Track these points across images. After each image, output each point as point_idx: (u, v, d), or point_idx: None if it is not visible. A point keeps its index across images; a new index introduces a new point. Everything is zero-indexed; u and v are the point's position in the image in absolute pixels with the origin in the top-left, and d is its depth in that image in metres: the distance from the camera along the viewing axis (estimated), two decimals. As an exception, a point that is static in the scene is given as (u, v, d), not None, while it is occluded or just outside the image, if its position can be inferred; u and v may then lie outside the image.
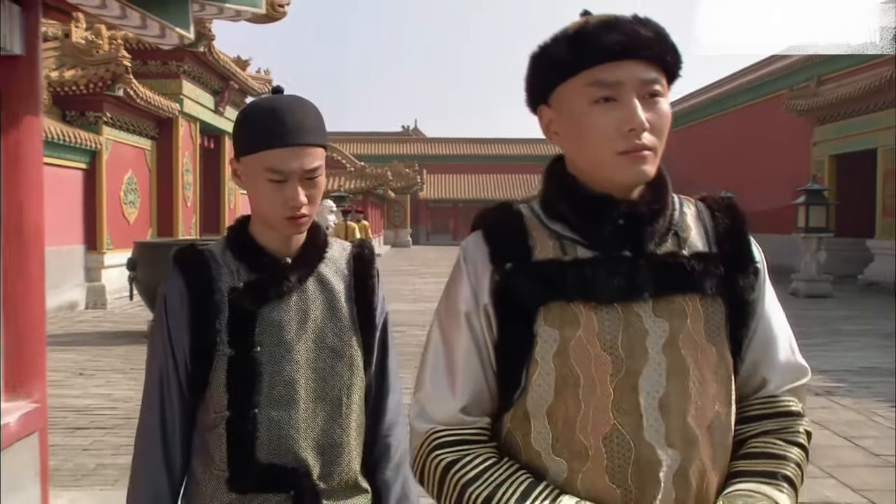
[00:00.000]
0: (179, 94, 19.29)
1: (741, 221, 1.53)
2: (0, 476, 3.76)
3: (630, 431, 1.38)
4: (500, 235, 1.49)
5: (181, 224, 19.32)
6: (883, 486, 5.40)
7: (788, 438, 1.47)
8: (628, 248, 1.43)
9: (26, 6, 4.10)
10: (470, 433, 1.47)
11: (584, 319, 1.41)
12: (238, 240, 1.83)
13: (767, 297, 1.54)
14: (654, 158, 1.41)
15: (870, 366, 10.01)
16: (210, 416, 1.77)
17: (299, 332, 1.78)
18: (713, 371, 1.43)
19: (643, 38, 1.40)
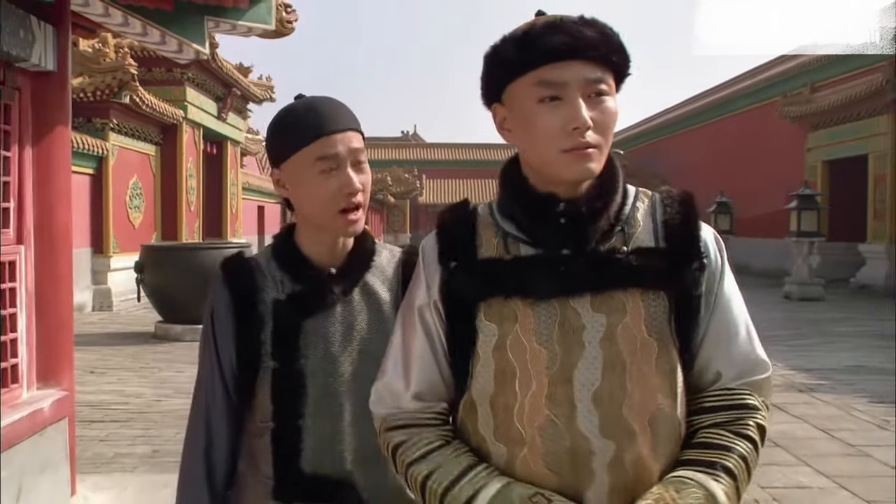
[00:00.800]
0: (183, 100, 19.65)
1: (691, 215, 1.54)
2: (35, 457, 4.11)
3: (563, 422, 1.43)
4: (450, 234, 1.57)
5: (185, 228, 19.66)
6: (854, 473, 5.73)
7: (737, 430, 1.48)
8: (569, 245, 1.47)
9: (59, 26, 4.45)
10: (421, 417, 1.56)
11: (521, 315, 1.47)
12: (283, 249, 1.82)
13: (724, 290, 1.55)
14: (598, 155, 1.45)
15: (856, 365, 10.33)
16: (256, 424, 1.78)
17: (344, 344, 1.77)
18: (654, 365, 1.46)
19: (588, 38, 1.43)
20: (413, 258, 1.85)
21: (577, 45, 1.42)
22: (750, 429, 1.48)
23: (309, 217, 1.76)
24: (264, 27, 5.45)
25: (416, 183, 52.12)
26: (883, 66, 19.69)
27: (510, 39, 1.48)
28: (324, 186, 1.70)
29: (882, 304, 17.75)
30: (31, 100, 4.37)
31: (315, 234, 1.79)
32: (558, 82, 1.42)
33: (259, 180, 30.91)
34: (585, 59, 1.42)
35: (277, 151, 1.76)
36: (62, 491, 4.46)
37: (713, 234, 1.56)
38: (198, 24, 5.14)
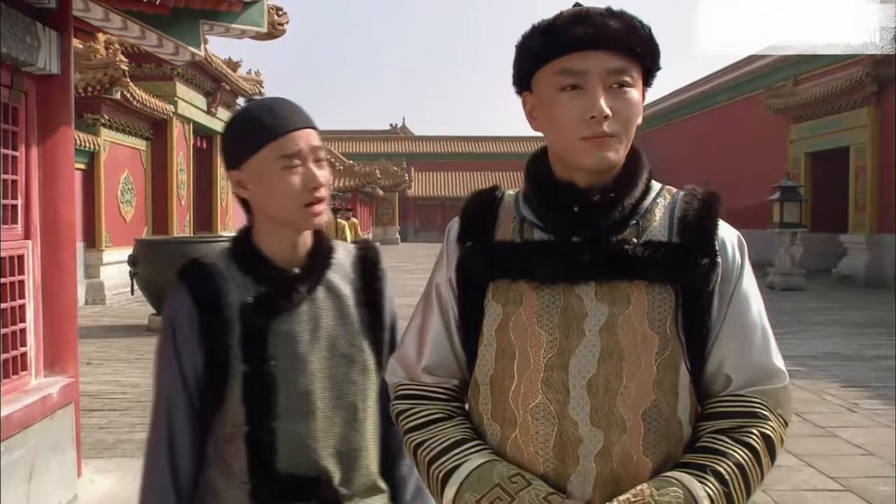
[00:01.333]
0: (174, 95, 19.82)
1: (708, 213, 1.51)
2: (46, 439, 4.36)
3: (556, 407, 1.44)
4: (471, 217, 1.60)
5: (175, 222, 19.85)
6: (822, 452, 6.03)
7: (737, 437, 1.44)
8: (579, 233, 1.47)
9: (62, 31, 4.68)
10: (428, 390, 1.59)
11: (525, 298, 1.49)
12: (243, 252, 1.81)
13: (741, 293, 1.51)
14: (617, 144, 1.45)
15: (831, 352, 10.67)
16: (227, 429, 1.77)
17: (312, 342, 1.78)
18: (654, 358, 1.44)
19: (611, 29, 1.43)
20: (369, 252, 1.92)
21: (600, 36, 1.43)
22: (752, 437, 1.44)
23: (273, 215, 1.76)
24: (257, 29, 5.68)
25: (404, 175, 52.37)
26: (863, 59, 20.04)
27: (537, 29, 1.50)
28: (288, 183, 1.71)
29: (861, 293, 18.14)
30: (36, 102, 4.61)
31: (277, 233, 1.79)
32: (579, 71, 1.43)
33: (248, 174, 31.09)
34: (608, 50, 1.43)
35: (238, 152, 1.76)
36: (70, 472, 4.71)
37: (736, 237, 1.54)
38: (193, 28, 5.37)
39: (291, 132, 1.73)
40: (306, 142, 1.74)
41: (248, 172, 1.75)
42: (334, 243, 1.90)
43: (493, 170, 60.68)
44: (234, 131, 1.78)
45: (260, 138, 1.72)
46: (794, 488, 5.27)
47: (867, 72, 19.77)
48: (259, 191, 1.75)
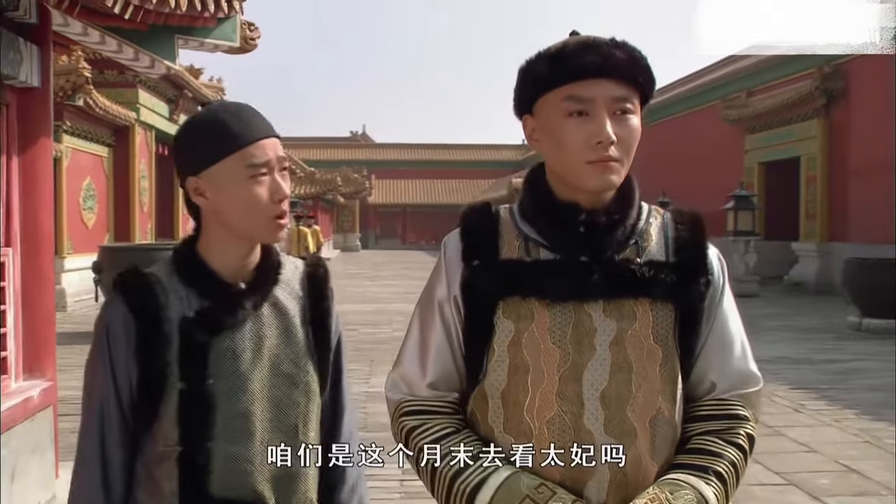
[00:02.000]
0: (136, 102, 19.82)
1: (700, 234, 1.63)
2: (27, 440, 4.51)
3: (571, 418, 1.51)
4: (474, 234, 1.63)
5: (138, 229, 19.83)
6: (770, 450, 6.35)
7: (728, 438, 1.56)
8: (587, 253, 1.54)
9: (42, 45, 4.84)
10: (434, 405, 1.62)
11: (537, 315, 1.54)
12: (187, 263, 1.72)
13: (724, 306, 1.64)
14: (620, 169, 1.53)
15: (781, 356, 11.06)
16: (158, 449, 1.68)
17: (254, 362, 1.70)
18: (658, 370, 1.54)
19: (617, 59, 1.51)
20: (318, 270, 1.84)
21: (607, 65, 1.50)
22: (740, 438, 1.57)
23: (234, 225, 1.68)
24: (229, 44, 5.88)
25: (365, 183, 52.49)
26: (813, 73, 20.67)
27: (544, 56, 1.56)
28: (255, 193, 1.64)
29: (811, 300, 18.70)
30: (17, 114, 4.76)
31: (228, 245, 1.70)
32: (587, 98, 1.50)
33: (209, 181, 31.05)
34: (613, 79, 1.50)
35: (198, 158, 1.66)
36: (49, 473, 4.86)
37: (717, 254, 1.66)
38: (169, 42, 5.55)
39: (259, 140, 1.65)
40: (274, 151, 1.68)
41: (208, 180, 1.66)
42: (283, 258, 1.82)
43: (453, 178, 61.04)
44: (195, 135, 1.68)
45: (226, 145, 1.64)
46: (742, 483, 5.56)
47: (817, 85, 20.41)
48: (220, 200, 1.66)
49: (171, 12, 4.78)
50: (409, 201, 59.91)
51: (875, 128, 18.85)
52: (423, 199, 59.97)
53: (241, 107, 1.71)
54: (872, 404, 8.07)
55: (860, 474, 5.79)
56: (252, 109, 1.71)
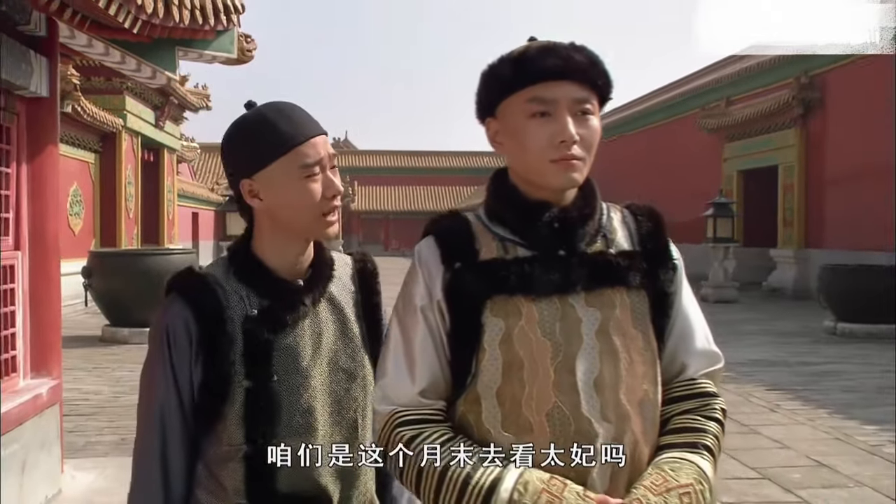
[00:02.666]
0: (123, 109, 19.96)
1: (661, 224, 1.71)
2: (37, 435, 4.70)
3: (569, 408, 1.54)
4: (450, 239, 1.65)
5: (124, 235, 19.95)
6: (745, 447, 6.62)
7: (707, 414, 1.63)
8: (563, 247, 1.60)
9: (50, 56, 5.05)
10: (427, 413, 1.61)
11: (525, 310, 1.57)
12: (244, 263, 1.73)
13: (684, 293, 1.72)
14: (582, 167, 1.58)
15: (758, 359, 11.37)
16: (223, 449, 1.69)
17: (314, 358, 1.72)
18: (640, 354, 1.61)
19: (577, 62, 1.57)
20: (367, 265, 1.88)
21: (568, 68, 1.56)
22: (717, 412, 1.65)
23: (289, 224, 1.70)
24: (227, 56, 6.10)
25: (348, 190, 52.65)
26: (790, 83, 21.09)
27: (507, 60, 1.61)
28: (310, 192, 1.66)
29: (789, 305, 19.06)
30: (26, 122, 4.96)
31: (285, 243, 1.73)
32: (549, 99, 1.55)
33: (193, 187, 31.14)
34: (574, 81, 1.56)
35: (252, 161, 1.68)
36: (55, 468, 5.06)
37: (672, 243, 1.74)
38: (170, 54, 5.77)
39: (310, 139, 1.68)
40: (324, 149, 1.70)
41: (261, 181, 1.68)
42: (334, 254, 1.85)
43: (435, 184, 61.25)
44: (245, 137, 1.69)
45: (278, 146, 1.66)
46: (719, 477, 5.84)
47: (794, 95, 20.83)
48: (275, 200, 1.68)
49: (175, 26, 5.00)
50: (391, 208, 60.10)
51: (850, 137, 19.28)
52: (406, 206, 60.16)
53: (289, 106, 1.73)
54: (844, 404, 8.38)
55: (830, 468, 6.06)
56: (299, 108, 1.73)
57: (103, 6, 4.02)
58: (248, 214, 1.76)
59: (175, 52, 5.80)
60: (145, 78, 6.02)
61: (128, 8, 4.27)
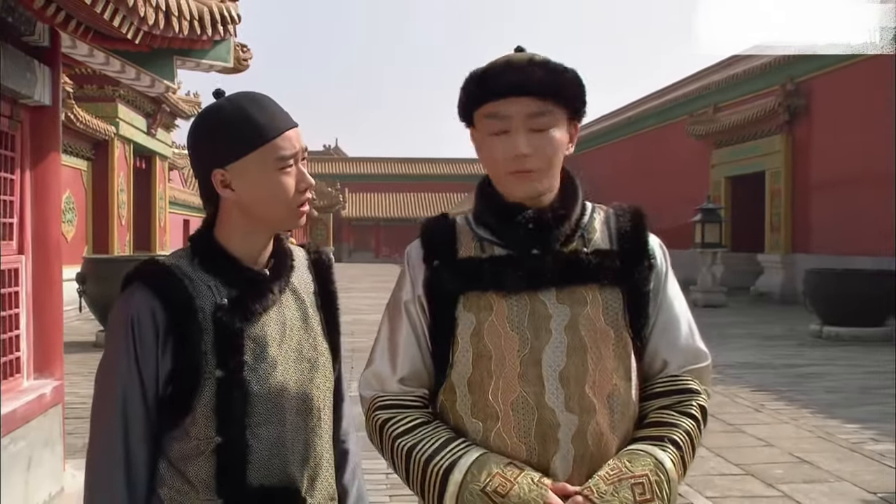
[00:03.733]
0: (115, 117, 20.08)
1: (640, 224, 1.76)
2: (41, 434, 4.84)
3: (533, 398, 1.61)
4: (433, 239, 1.77)
5: (116, 241, 20.05)
6: (729, 445, 6.80)
7: (682, 410, 1.68)
8: (536, 246, 1.67)
9: (52, 66, 5.19)
10: (406, 399, 1.73)
11: (496, 306, 1.66)
12: (208, 252, 1.71)
13: (669, 290, 1.76)
14: (540, 177, 1.66)
15: (745, 361, 11.56)
16: (191, 444, 1.65)
17: (281, 347, 1.71)
18: (611, 349, 1.66)
19: (536, 77, 1.63)
20: (322, 256, 1.89)
21: (523, 84, 1.63)
22: (693, 408, 1.68)
23: (262, 215, 1.68)
24: (224, 65, 6.24)
25: (338, 197, 52.77)
26: (776, 90, 21.35)
27: (473, 76, 1.71)
28: (284, 184, 1.66)
29: (776, 309, 19.28)
30: (30, 131, 5.10)
31: (252, 234, 1.71)
32: (504, 115, 1.64)
33: (184, 194, 31.22)
34: (530, 96, 1.63)
35: (225, 151, 1.65)
36: (58, 466, 5.18)
37: (658, 242, 1.79)
38: (168, 63, 5.91)
39: (285, 132, 1.67)
40: (298, 142, 1.69)
41: (236, 172, 1.66)
42: (290, 245, 1.84)
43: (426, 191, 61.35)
44: (221, 127, 1.66)
45: (255, 138, 1.64)
46: (705, 474, 6.00)
47: (780, 101, 21.10)
48: (249, 192, 1.66)
49: (175, 36, 5.14)
50: (382, 215, 60.20)
51: (835, 143, 19.52)
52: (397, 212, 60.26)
53: (262, 96, 1.71)
54: (827, 404, 8.57)
55: (812, 465, 6.25)
56: (271, 99, 1.71)
57: (108, 18, 4.16)
58: (214, 205, 1.73)
59: (173, 61, 5.94)
60: (144, 87, 6.17)
61: (131, 19, 4.41)
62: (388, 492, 5.55)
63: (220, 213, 1.72)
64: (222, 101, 1.69)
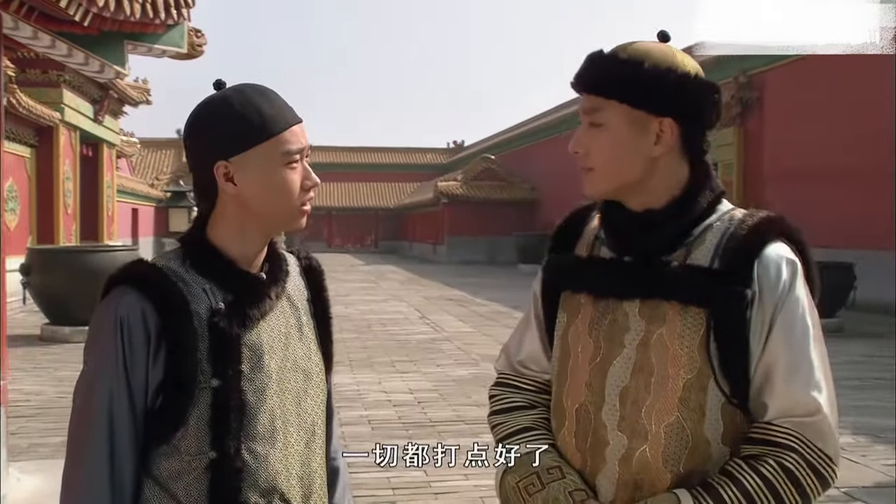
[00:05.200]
0: (60, 102, 19.50)
1: (752, 240, 1.53)
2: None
3: (593, 409, 1.58)
4: (560, 232, 1.77)
5: (62, 231, 19.51)
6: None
7: (753, 465, 1.46)
8: (632, 253, 1.59)
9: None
10: (519, 381, 1.79)
11: (583, 309, 1.63)
12: (202, 254, 1.59)
13: (784, 321, 1.51)
14: (596, 176, 1.60)
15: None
16: (182, 460, 1.53)
17: (277, 356, 1.61)
18: (682, 377, 1.50)
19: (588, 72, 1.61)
20: (313, 263, 1.79)
21: (578, 79, 1.64)
22: (767, 466, 1.45)
23: (263, 211, 1.58)
24: (177, 50, 6.03)
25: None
26: (729, 82, 21.52)
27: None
28: (290, 180, 1.57)
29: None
30: (-30, 116, 4.83)
31: (251, 234, 1.61)
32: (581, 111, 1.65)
33: (133, 182, 30.60)
34: (585, 91, 1.61)
35: (231, 142, 1.55)
36: (1, 471, 4.93)
37: (785, 260, 1.54)
38: (118, 48, 5.68)
39: (292, 126, 1.58)
40: (304, 138, 1.61)
41: (240, 165, 1.55)
42: (280, 251, 1.75)
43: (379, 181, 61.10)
44: (227, 118, 1.55)
45: (262, 130, 1.55)
46: None
47: (732, 94, 21.27)
48: (253, 187, 1.56)
49: (126, 19, 4.92)
50: (334, 204, 59.70)
51: (787, 135, 19.77)
52: (349, 202, 59.87)
53: (268, 89, 1.63)
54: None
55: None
56: (277, 93, 1.63)
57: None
58: (210, 201, 1.61)
59: (124, 45, 5.70)
60: (93, 72, 5.91)
61: (79, 0, 4.18)
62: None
63: (216, 210, 1.61)
64: (228, 91, 1.59)
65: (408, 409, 7.99)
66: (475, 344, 12.34)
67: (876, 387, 9.01)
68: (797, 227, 1.61)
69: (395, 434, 6.97)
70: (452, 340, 12.88)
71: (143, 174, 36.29)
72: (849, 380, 9.14)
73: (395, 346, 12.22)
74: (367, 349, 11.78)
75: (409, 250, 51.83)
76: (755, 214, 1.60)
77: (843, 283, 13.53)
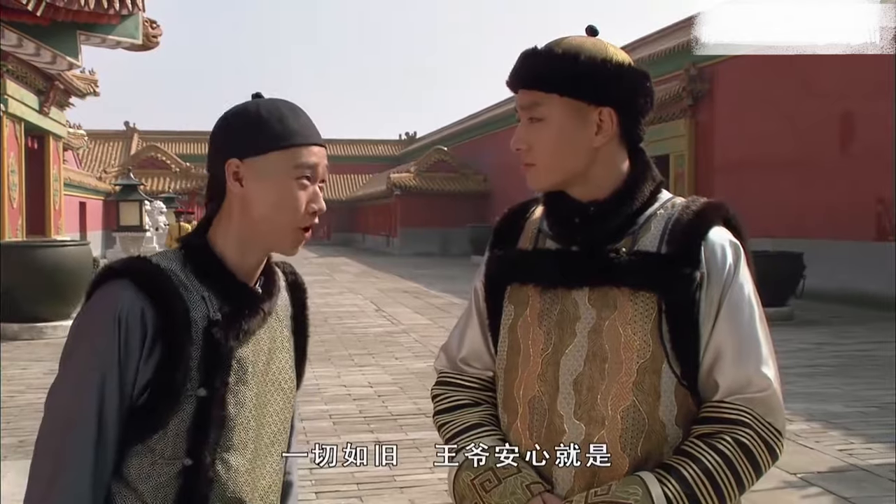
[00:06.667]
0: (3, 93, 18.91)
1: (697, 224, 1.57)
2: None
3: (547, 400, 1.58)
4: (503, 227, 1.77)
5: (7, 225, 19.00)
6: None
7: (710, 443, 1.49)
8: (578, 243, 1.60)
9: (-57, 40, 4.78)
10: (462, 379, 1.78)
11: (532, 300, 1.63)
12: (204, 260, 1.58)
13: (731, 302, 1.55)
14: (539, 171, 1.61)
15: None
16: (154, 462, 1.52)
17: (260, 370, 1.61)
18: (635, 362, 1.52)
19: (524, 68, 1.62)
20: (297, 279, 1.78)
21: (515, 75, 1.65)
22: (724, 443, 1.49)
23: (261, 222, 1.57)
24: (132, 41, 5.94)
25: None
26: (680, 74, 21.78)
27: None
28: (296, 195, 1.56)
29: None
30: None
31: (249, 244, 1.60)
32: (518, 107, 1.65)
33: (80, 176, 30.02)
34: (524, 87, 1.62)
35: (248, 143, 1.56)
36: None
37: (729, 242, 1.58)
38: (71, 38, 5.58)
39: (313, 145, 1.60)
40: (322, 162, 1.61)
41: (251, 168, 1.55)
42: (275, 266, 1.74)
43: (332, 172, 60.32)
44: (250, 120, 1.58)
45: (281, 137, 1.56)
46: None
47: (683, 86, 21.53)
48: (258, 191, 1.56)
49: (80, 9, 4.81)
50: (287, 196, 59.06)
51: (736, 127, 20.06)
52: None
53: (300, 108, 1.65)
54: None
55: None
56: (307, 114, 1.65)
57: (7, -12, 3.82)
58: (218, 201, 1.61)
59: (77, 36, 5.62)
60: (44, 63, 5.80)
61: (32, -10, 4.07)
62: (314, 487, 5.36)
63: (220, 212, 1.61)
64: (261, 100, 1.63)
65: (368, 402, 7.97)
66: (432, 336, 12.33)
67: (827, 374, 9.21)
68: (736, 213, 1.65)
69: (358, 429, 6.94)
70: (409, 333, 12.89)
71: (90, 167, 35.63)
72: (800, 367, 9.33)
73: (352, 340, 12.19)
74: (325, 343, 11.70)
75: (362, 242, 51.59)
76: (697, 200, 1.64)
77: (793, 271, 13.79)
